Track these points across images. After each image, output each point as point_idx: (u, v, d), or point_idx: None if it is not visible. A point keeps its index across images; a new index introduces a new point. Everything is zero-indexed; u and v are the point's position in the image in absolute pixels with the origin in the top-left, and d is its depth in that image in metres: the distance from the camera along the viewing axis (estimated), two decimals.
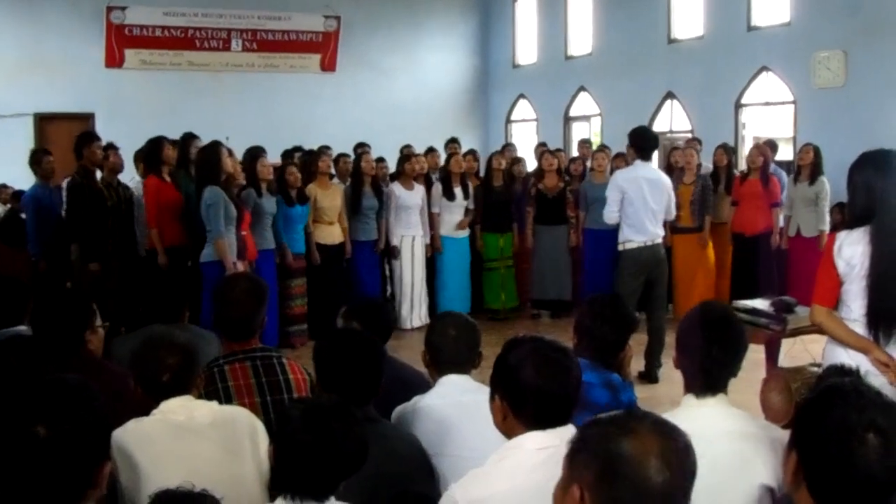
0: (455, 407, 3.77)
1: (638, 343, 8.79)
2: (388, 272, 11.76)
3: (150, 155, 9.53)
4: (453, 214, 11.63)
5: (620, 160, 11.38)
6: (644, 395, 7.18)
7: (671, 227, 11.37)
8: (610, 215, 8.90)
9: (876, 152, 4.64)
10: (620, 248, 8.90)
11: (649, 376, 8.85)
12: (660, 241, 8.92)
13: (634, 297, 8.58)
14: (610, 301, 4.37)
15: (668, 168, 12.10)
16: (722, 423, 3.23)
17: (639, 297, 8.73)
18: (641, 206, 8.75)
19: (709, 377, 3.29)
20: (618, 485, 2.02)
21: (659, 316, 9.04)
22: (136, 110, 17.72)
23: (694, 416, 3.26)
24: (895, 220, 4.45)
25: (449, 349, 3.95)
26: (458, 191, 11.61)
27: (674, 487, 2.03)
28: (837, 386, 2.37)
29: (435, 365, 4.00)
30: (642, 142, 8.98)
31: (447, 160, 12.01)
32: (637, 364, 8.68)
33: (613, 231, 9.11)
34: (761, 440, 3.16)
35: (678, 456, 2.05)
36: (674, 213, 9.35)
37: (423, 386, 4.51)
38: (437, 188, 11.63)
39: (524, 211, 11.86)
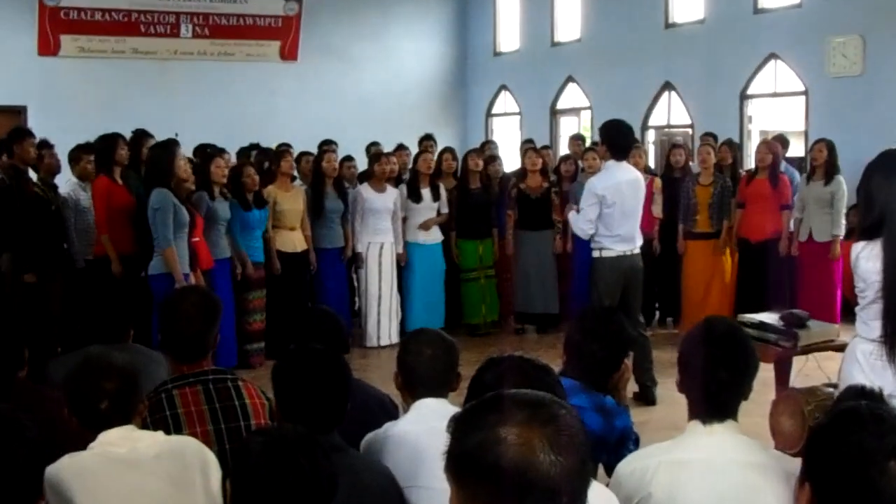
0: (430, 434, 3.74)
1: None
2: (355, 283, 11.74)
3: (103, 154, 9.50)
4: (421, 218, 11.61)
5: None
6: (641, 419, 7.20)
7: (686, 232, 11.40)
8: (584, 229, 8.64)
9: (890, 153, 4.63)
10: (595, 255, 8.68)
11: (646, 398, 8.83)
12: (638, 250, 8.80)
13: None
14: (602, 315, 4.36)
15: (668, 167, 12.20)
16: (731, 452, 3.22)
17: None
18: (622, 214, 8.56)
19: (716, 401, 3.27)
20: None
21: (639, 331, 8.79)
22: (73, 104, 17.60)
23: (700, 444, 3.26)
24: None
25: (424, 370, 3.94)
26: (425, 192, 11.56)
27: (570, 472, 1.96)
28: (853, 409, 2.37)
29: (408, 388, 3.99)
30: (616, 138, 8.66)
31: (415, 158, 11.96)
32: (630, 385, 8.67)
33: None
34: (773, 472, 3.15)
35: (566, 439, 1.95)
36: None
37: (387, 408, 4.51)
38: (402, 190, 11.60)
39: (503, 215, 11.89)
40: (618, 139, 8.68)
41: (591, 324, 4.24)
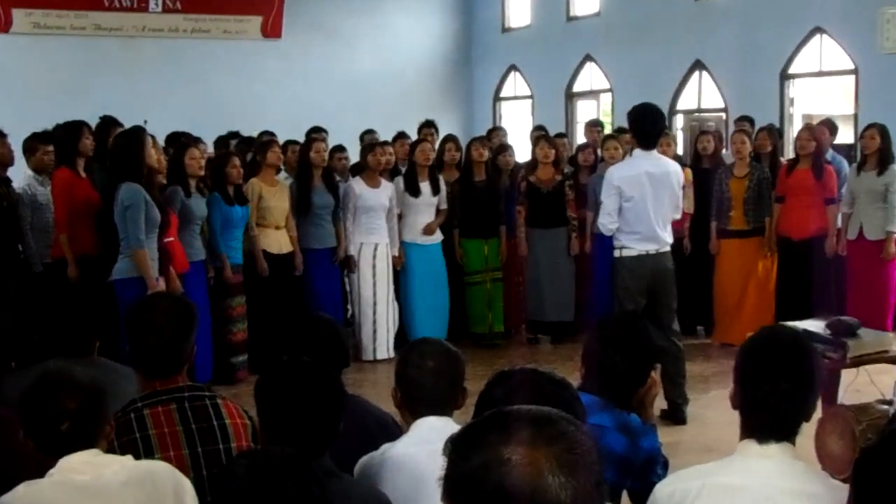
0: (433, 457, 3.72)
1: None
2: (348, 288, 11.72)
3: (65, 144, 9.49)
4: (419, 215, 11.59)
5: None
6: (669, 440, 7.18)
7: (719, 230, 11.37)
8: (604, 223, 8.76)
9: None
10: (616, 254, 8.79)
11: (675, 416, 8.82)
12: (667, 249, 8.83)
13: None
14: (625, 322, 4.36)
15: (696, 156, 12.14)
16: (784, 479, 3.23)
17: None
18: (645, 209, 8.59)
19: (775, 415, 3.29)
20: None
21: (672, 340, 8.82)
22: (27, 87, 17.63)
23: (752, 468, 3.25)
24: None
25: (426, 385, 3.94)
26: (424, 186, 11.55)
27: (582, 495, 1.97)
28: None
29: (408, 405, 4.00)
30: (642, 125, 8.73)
31: (412, 148, 11.94)
32: (658, 402, 8.68)
33: None
34: None
35: (577, 459, 1.97)
36: (680, 210, 9.23)
37: (392, 430, 4.51)
38: (399, 183, 11.59)
39: (513, 211, 11.88)
40: (644, 126, 8.72)
41: (611, 332, 4.24)
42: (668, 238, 8.84)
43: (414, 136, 12.85)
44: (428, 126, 13.32)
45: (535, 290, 11.87)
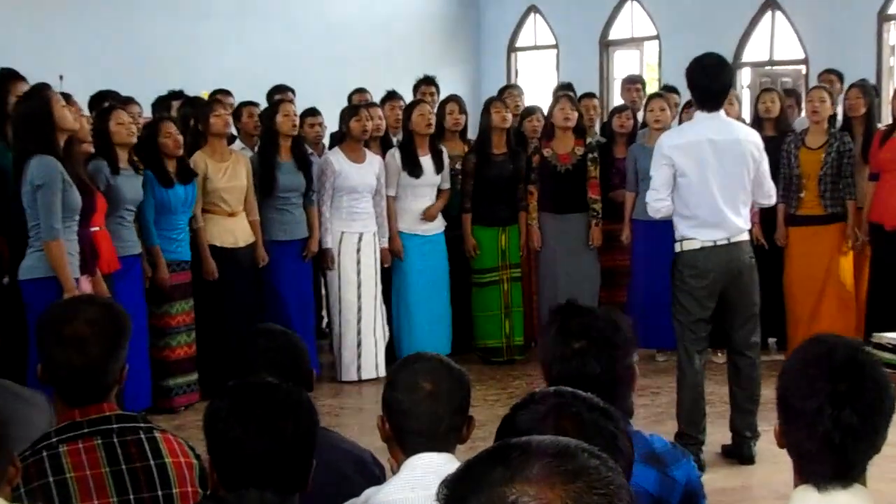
0: (429, 503, 3.76)
1: (721, 399, 8.80)
2: (324, 290, 11.67)
3: None
4: (420, 199, 11.60)
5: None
6: (733, 484, 7.21)
7: (787, 216, 11.25)
8: (656, 204, 8.62)
9: None
10: (676, 248, 8.66)
11: (740, 453, 8.69)
12: (744, 237, 8.67)
13: (702, 327, 8.53)
14: (580, 325, 4.24)
15: (757, 120, 11.92)
16: None
17: (710, 327, 8.63)
18: (706, 187, 8.43)
19: (837, 456, 3.22)
20: None
21: (748, 356, 8.76)
22: None
23: None
24: None
25: (421, 414, 3.94)
26: (426, 161, 11.51)
27: None
28: None
29: (399, 438, 4.00)
30: (702, 80, 8.57)
31: (407, 111, 11.82)
32: (717, 433, 8.69)
33: None
34: None
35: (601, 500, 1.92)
36: (771, 191, 9.00)
37: (368, 470, 4.52)
38: (394, 158, 11.52)
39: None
40: (704, 81, 8.57)
41: (571, 345, 4.15)
42: (744, 224, 8.65)
43: (408, 98, 12.75)
44: (427, 83, 13.25)
45: (551, 290, 11.78)
